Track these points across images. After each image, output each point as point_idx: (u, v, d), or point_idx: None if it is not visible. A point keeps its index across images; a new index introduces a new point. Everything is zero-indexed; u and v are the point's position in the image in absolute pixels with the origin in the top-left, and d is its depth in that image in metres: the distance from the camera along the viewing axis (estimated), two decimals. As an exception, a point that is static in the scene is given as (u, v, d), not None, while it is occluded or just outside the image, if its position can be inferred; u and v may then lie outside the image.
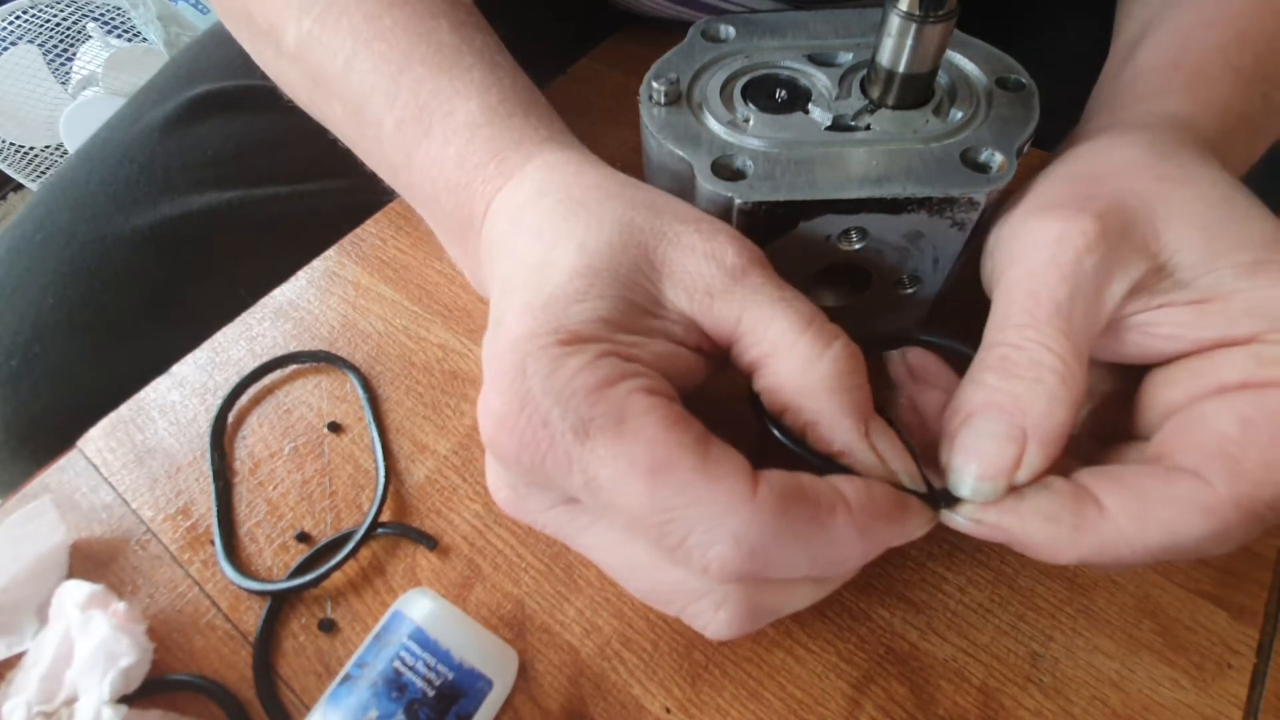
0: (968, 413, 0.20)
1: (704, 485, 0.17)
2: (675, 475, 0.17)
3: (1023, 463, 0.19)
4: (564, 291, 0.20)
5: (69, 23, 1.14)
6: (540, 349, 0.19)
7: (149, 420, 0.32)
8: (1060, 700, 0.25)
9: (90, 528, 0.29)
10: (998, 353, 0.20)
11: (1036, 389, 0.19)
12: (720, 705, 0.25)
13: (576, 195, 0.23)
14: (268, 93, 0.33)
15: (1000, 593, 0.27)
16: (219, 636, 0.27)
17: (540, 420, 0.18)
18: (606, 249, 0.21)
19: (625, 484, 0.18)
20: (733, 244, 0.21)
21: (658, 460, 0.17)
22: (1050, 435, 0.19)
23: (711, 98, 0.27)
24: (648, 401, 0.18)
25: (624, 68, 0.49)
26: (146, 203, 0.40)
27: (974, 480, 0.20)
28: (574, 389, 0.18)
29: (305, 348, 0.34)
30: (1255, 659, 0.25)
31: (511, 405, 0.18)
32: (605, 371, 0.19)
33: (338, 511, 0.30)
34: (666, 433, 0.18)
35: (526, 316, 0.20)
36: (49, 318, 0.37)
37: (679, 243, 0.21)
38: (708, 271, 0.21)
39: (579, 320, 0.19)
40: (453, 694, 0.23)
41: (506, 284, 0.22)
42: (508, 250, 0.23)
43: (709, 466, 0.18)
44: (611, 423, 0.18)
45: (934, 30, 0.24)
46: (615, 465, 0.17)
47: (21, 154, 1.17)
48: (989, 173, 0.24)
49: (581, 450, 0.18)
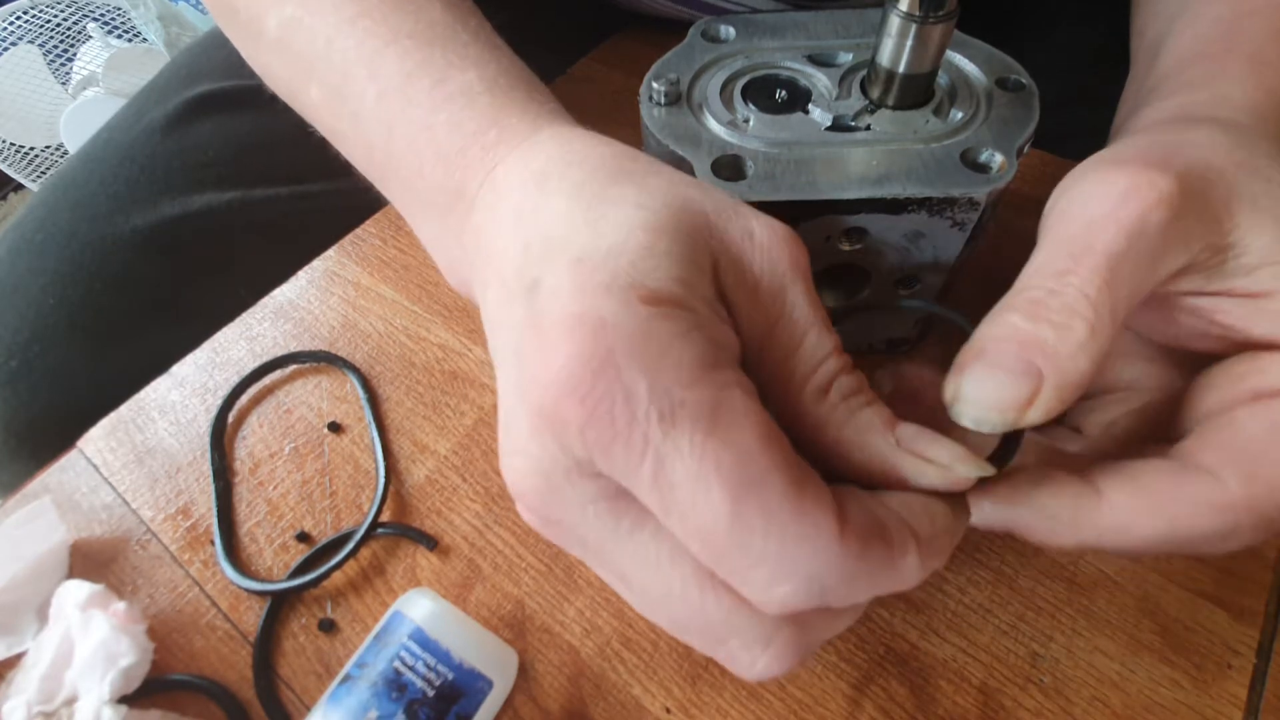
0: (982, 347, 0.19)
1: (792, 516, 0.15)
2: (765, 497, 0.15)
3: (1035, 401, 0.18)
4: (628, 245, 0.17)
5: (69, 23, 1.14)
6: (622, 305, 0.16)
7: (149, 420, 0.32)
8: (1060, 700, 0.25)
9: (90, 528, 0.29)
10: (1029, 295, 0.19)
11: (1063, 334, 0.18)
12: (720, 705, 0.25)
13: (614, 167, 0.20)
14: (268, 93, 0.33)
15: (1000, 593, 0.27)
16: (219, 636, 0.27)
17: (623, 391, 0.15)
18: (667, 209, 0.18)
19: (706, 491, 0.15)
20: (785, 244, 0.19)
21: (750, 475, 0.15)
22: (1069, 380, 0.18)
23: (711, 98, 0.27)
24: (746, 404, 0.16)
25: (624, 68, 0.49)
26: (147, 203, 0.40)
27: (981, 409, 0.19)
28: (668, 363, 0.15)
29: (305, 348, 0.34)
30: (1255, 659, 0.25)
31: (587, 367, 0.15)
32: (702, 349, 0.16)
33: (338, 511, 0.30)
34: (763, 445, 0.16)
35: (586, 270, 0.17)
36: (49, 318, 0.37)
37: (737, 223, 0.19)
38: (758, 263, 0.19)
39: (655, 277, 0.17)
40: (453, 694, 0.23)
41: (534, 246, 0.19)
42: (532, 214, 0.20)
43: (801, 496, 0.15)
44: (706, 414, 0.15)
45: (934, 30, 0.24)
46: (701, 466, 0.15)
47: (21, 154, 1.17)
48: (989, 173, 0.24)
49: (664, 438, 0.15)
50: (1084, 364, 0.18)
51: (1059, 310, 0.18)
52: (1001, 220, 0.38)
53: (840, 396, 0.19)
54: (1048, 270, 0.19)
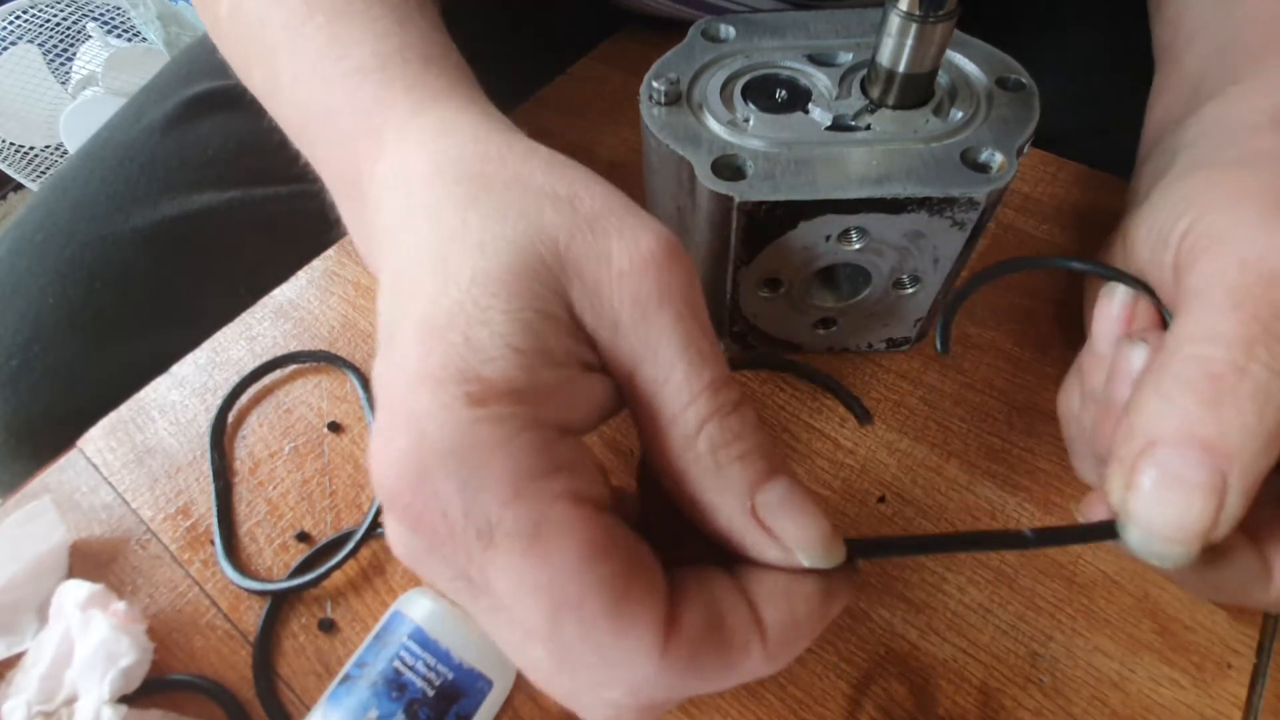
0: (1152, 441, 0.16)
1: (610, 634, 0.15)
2: (581, 616, 0.15)
3: (1220, 521, 0.16)
4: (464, 307, 0.16)
5: (69, 23, 1.14)
6: (444, 408, 0.15)
7: (149, 420, 0.32)
8: (1060, 700, 0.25)
9: (90, 528, 0.29)
10: (1208, 369, 0.16)
11: (1252, 425, 0.16)
12: (720, 705, 0.25)
13: (476, 175, 0.19)
14: None
15: (1000, 593, 0.27)
16: (219, 636, 0.27)
17: (439, 509, 0.15)
18: (509, 249, 0.17)
19: (524, 607, 0.15)
20: (652, 264, 0.18)
21: (566, 596, 0.15)
22: (1252, 486, 0.16)
23: (711, 98, 0.27)
24: (569, 517, 0.15)
25: (624, 68, 0.49)
26: (147, 203, 0.40)
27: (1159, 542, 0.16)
28: (484, 479, 0.15)
29: (305, 348, 0.34)
30: (1255, 659, 0.25)
31: (406, 481, 0.15)
32: (527, 459, 0.15)
33: (338, 511, 0.30)
34: (581, 565, 0.15)
35: (424, 345, 0.16)
36: (49, 318, 0.37)
37: (594, 248, 0.18)
38: (617, 298, 0.17)
39: (489, 358, 0.16)
40: (453, 694, 0.23)
41: (398, 284, 0.19)
42: (399, 238, 0.19)
43: (621, 611, 0.15)
44: (523, 534, 0.15)
45: (934, 30, 0.24)
46: (519, 584, 0.15)
47: (21, 154, 1.17)
48: (989, 173, 0.24)
49: (483, 555, 0.15)
50: (1270, 460, 0.16)
51: (1251, 393, 0.16)
52: (1001, 220, 0.38)
53: (707, 447, 0.17)
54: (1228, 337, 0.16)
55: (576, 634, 0.15)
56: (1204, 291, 0.18)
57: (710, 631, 0.16)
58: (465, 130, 0.21)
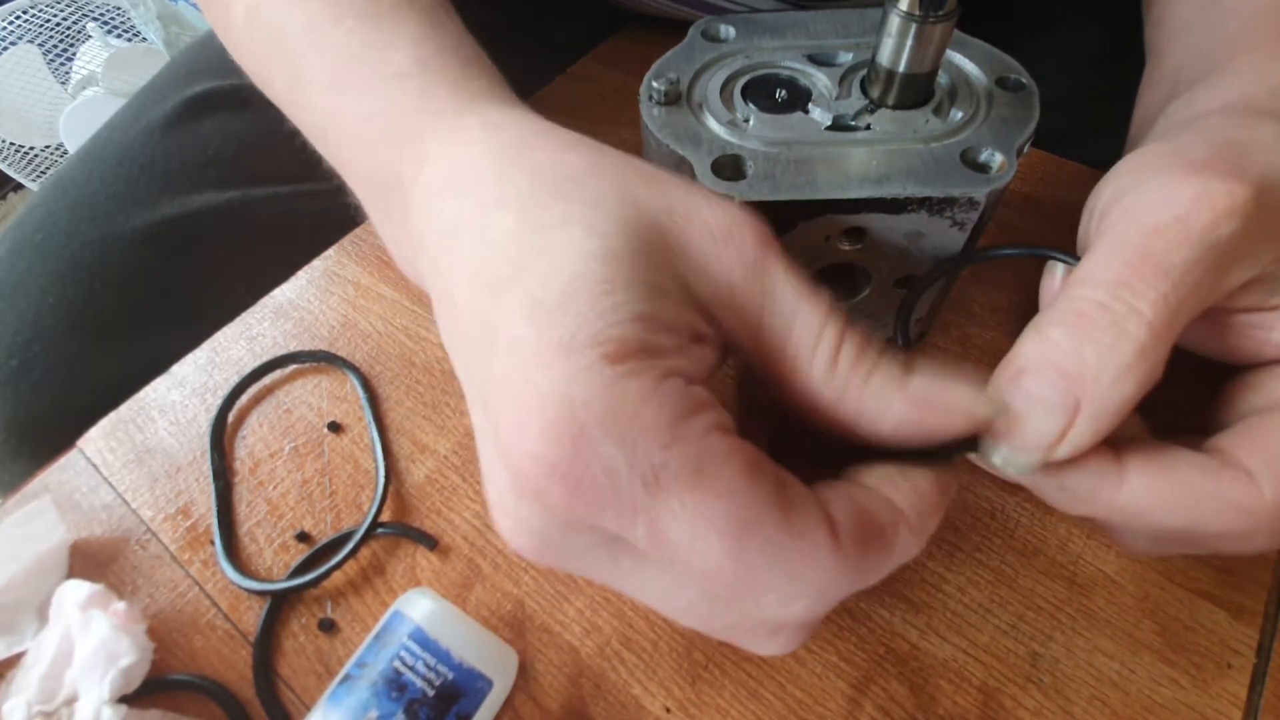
0: (1020, 368, 0.18)
1: (791, 543, 0.16)
2: (762, 534, 0.15)
3: (1067, 437, 0.17)
4: (585, 282, 0.16)
5: (69, 23, 1.14)
6: (586, 370, 0.15)
7: (149, 420, 0.32)
8: (1060, 700, 0.25)
9: (90, 528, 0.29)
10: (1077, 306, 0.18)
11: (1109, 356, 0.17)
12: (720, 705, 0.25)
13: (554, 166, 0.19)
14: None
15: (1000, 593, 0.27)
16: (219, 636, 0.27)
17: (602, 469, 0.15)
18: (619, 228, 0.17)
19: (705, 544, 0.15)
20: (749, 226, 0.19)
21: (744, 519, 0.15)
22: (1108, 411, 0.17)
23: (711, 98, 0.27)
24: (726, 445, 0.16)
25: (624, 68, 0.49)
26: (146, 203, 0.40)
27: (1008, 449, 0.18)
28: (641, 428, 0.15)
29: (305, 348, 0.34)
30: (1255, 659, 0.25)
31: (563, 449, 0.15)
32: (674, 403, 0.16)
33: (338, 511, 0.30)
34: (749, 485, 0.16)
35: (544, 321, 0.16)
36: (49, 318, 0.37)
37: (693, 221, 0.18)
38: (728, 259, 0.18)
39: (616, 322, 0.16)
40: (453, 694, 0.23)
41: (483, 275, 0.18)
42: (471, 235, 0.19)
43: (794, 521, 0.16)
44: (689, 471, 0.15)
45: (934, 30, 0.24)
46: (694, 523, 0.15)
47: (21, 154, 1.17)
48: (989, 173, 0.24)
49: (652, 503, 0.15)
50: (1128, 390, 0.17)
51: (1107, 328, 0.17)
52: (1001, 220, 0.38)
53: (850, 364, 0.18)
54: (1100, 279, 0.18)
55: (760, 550, 0.15)
56: (1095, 244, 0.20)
57: (864, 523, 0.17)
58: (521, 126, 0.21)
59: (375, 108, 0.24)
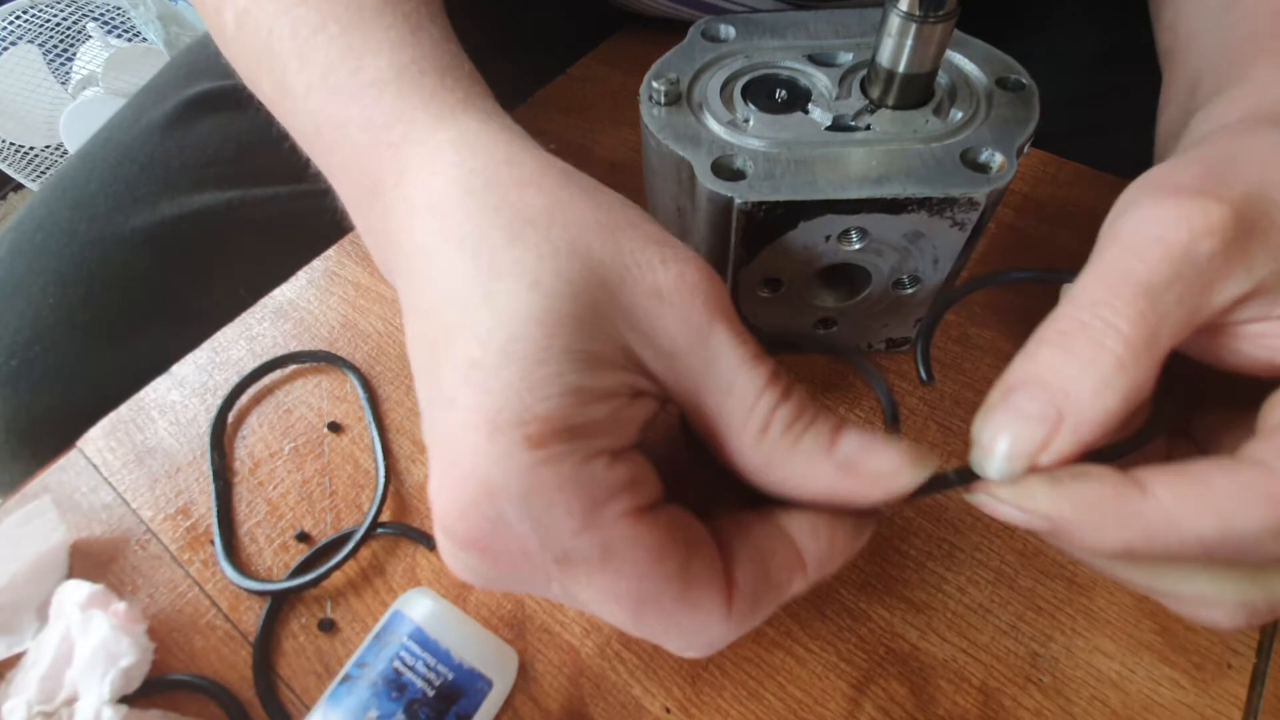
0: (1009, 386, 0.19)
1: (686, 615, 0.18)
2: (658, 608, 0.18)
3: (1049, 446, 0.18)
4: (521, 347, 0.17)
5: (69, 23, 1.14)
6: (506, 456, 0.16)
7: (149, 420, 0.32)
8: (1060, 700, 0.25)
9: (90, 528, 0.29)
10: (1060, 325, 0.19)
11: (1087, 370, 0.18)
12: (720, 705, 0.25)
13: (514, 204, 0.20)
14: None
15: (1000, 593, 0.27)
16: (219, 636, 0.27)
17: (518, 547, 0.17)
18: (566, 289, 0.18)
19: (609, 612, 0.18)
20: (699, 289, 0.19)
21: (643, 594, 0.17)
22: (1087, 421, 0.18)
23: (711, 98, 0.27)
24: (633, 532, 0.17)
25: (624, 68, 0.49)
26: (146, 203, 0.40)
27: (997, 459, 0.18)
28: (555, 516, 0.17)
29: (305, 348, 0.34)
30: (1255, 659, 0.25)
31: (482, 529, 0.17)
32: (588, 491, 0.17)
33: (338, 511, 0.30)
34: (652, 568, 0.17)
35: (479, 384, 0.17)
36: (49, 318, 0.37)
37: (642, 283, 0.19)
38: (673, 323, 0.19)
39: (545, 397, 0.17)
40: (453, 694, 0.23)
41: (435, 317, 0.19)
42: (432, 265, 0.20)
43: (691, 595, 0.18)
44: (597, 556, 0.17)
45: (934, 30, 0.24)
46: (600, 595, 0.18)
47: (21, 154, 1.17)
48: (989, 173, 0.24)
49: (564, 575, 0.17)
50: (1110, 402, 0.18)
51: (1086, 343, 0.18)
52: (1001, 220, 0.38)
53: (781, 430, 0.19)
54: (1083, 299, 0.19)
55: (657, 620, 0.18)
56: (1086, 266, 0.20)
57: (761, 579, 0.19)
58: (493, 149, 0.22)
59: (354, 115, 0.24)
